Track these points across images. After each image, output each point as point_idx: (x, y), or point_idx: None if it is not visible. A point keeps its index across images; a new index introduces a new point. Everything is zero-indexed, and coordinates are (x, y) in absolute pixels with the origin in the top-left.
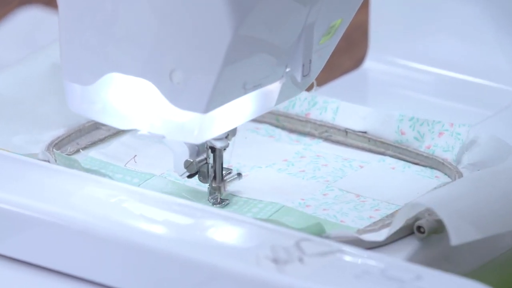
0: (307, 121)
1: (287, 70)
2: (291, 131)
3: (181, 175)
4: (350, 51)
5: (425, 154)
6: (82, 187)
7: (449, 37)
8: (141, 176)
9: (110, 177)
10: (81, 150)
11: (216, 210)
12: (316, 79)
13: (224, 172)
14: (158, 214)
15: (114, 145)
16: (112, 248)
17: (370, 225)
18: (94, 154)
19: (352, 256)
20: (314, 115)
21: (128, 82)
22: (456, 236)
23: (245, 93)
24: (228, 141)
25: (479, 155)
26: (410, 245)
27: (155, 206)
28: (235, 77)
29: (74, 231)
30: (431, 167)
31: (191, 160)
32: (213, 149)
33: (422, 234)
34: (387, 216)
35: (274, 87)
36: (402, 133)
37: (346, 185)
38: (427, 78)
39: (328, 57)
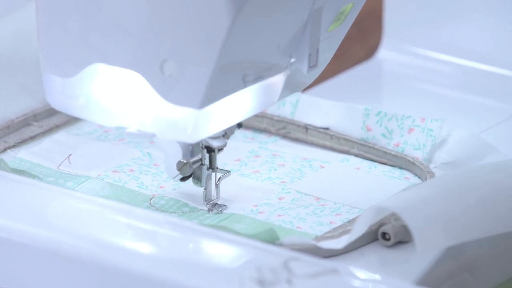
0: (263, 117)
1: (292, 60)
2: (246, 127)
3: (173, 178)
4: (362, 40)
5: (393, 153)
6: (43, 198)
7: (473, 23)
8: (75, 179)
9: (40, 179)
10: (8, 150)
11: (197, 226)
12: (324, 70)
13: (220, 174)
14: (136, 232)
15: (46, 143)
16: (84, 269)
17: (329, 232)
18: (23, 154)
19: (348, 277)
20: (271, 109)
21: (114, 74)
22: (423, 243)
23: (245, 86)
24: (226, 140)
25: (454, 153)
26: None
27: (130, 220)
28: (234, 68)
29: (37, 250)
30: (400, 167)
31: (185, 161)
32: (209, 149)
33: (388, 241)
34: (349, 222)
35: (277, 80)
36: (368, 129)
37: (304, 187)
38: (448, 69)
39: (337, 46)
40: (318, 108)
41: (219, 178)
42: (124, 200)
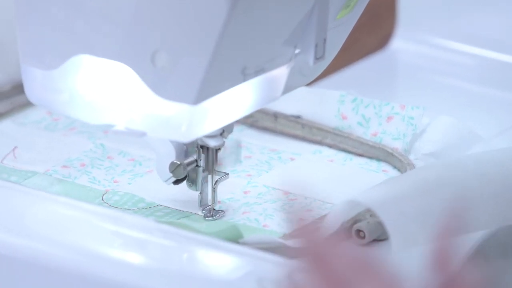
0: None
1: (297, 51)
2: None
3: (165, 181)
4: (374, 28)
5: (370, 143)
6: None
7: (496, 10)
8: (20, 174)
9: None
10: None
11: (192, 234)
12: (332, 62)
13: (217, 177)
14: (125, 240)
15: None
16: (68, 282)
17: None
18: None
19: None
20: None
21: (100, 66)
22: (399, 241)
23: (245, 80)
24: (224, 139)
25: (436, 143)
26: None
27: (119, 227)
28: (232, 60)
29: (15, 260)
30: (378, 159)
31: (178, 162)
32: (204, 149)
33: (362, 239)
34: (320, 218)
35: (281, 73)
36: (344, 118)
37: (272, 180)
38: (468, 61)
39: (347, 35)
40: (289, 94)
41: (216, 181)
42: (74, 197)
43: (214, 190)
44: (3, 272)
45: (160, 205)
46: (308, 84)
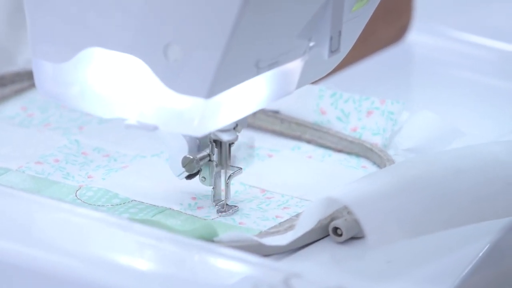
0: None
1: (311, 44)
2: None
3: (178, 176)
4: (390, 20)
5: (349, 139)
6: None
7: None
8: None
9: None
10: None
11: (189, 240)
12: (347, 55)
13: (231, 171)
14: (122, 246)
15: None
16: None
17: (274, 227)
18: None
19: None
20: None
21: (112, 59)
22: (375, 239)
23: (259, 73)
24: (237, 133)
25: (417, 138)
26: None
27: (118, 235)
28: (246, 53)
29: (20, 270)
30: (357, 155)
31: (191, 157)
32: (218, 143)
33: (340, 236)
34: (296, 215)
35: (295, 66)
36: (323, 112)
37: (249, 178)
38: (488, 54)
39: (362, 28)
40: None
41: (229, 175)
42: (46, 193)
43: (227, 185)
44: (9, 280)
45: (135, 200)
46: (323, 78)
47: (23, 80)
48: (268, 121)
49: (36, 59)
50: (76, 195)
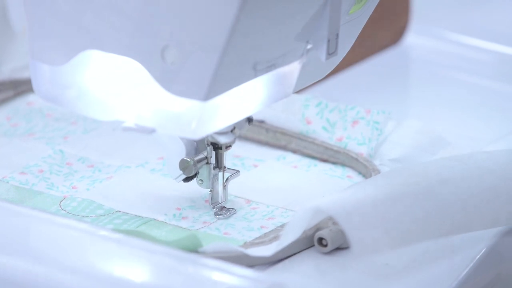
0: None
1: (309, 47)
2: None
3: (175, 178)
4: (387, 23)
5: (335, 148)
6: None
7: None
8: None
9: None
10: None
11: (186, 254)
12: (345, 58)
13: (228, 174)
14: (106, 259)
15: None
16: None
17: (259, 237)
18: None
19: None
20: None
21: (110, 62)
22: (360, 249)
23: (256, 75)
24: (235, 136)
25: (402, 148)
26: None
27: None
28: (243, 55)
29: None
30: (343, 165)
31: (189, 160)
32: (215, 146)
33: (325, 247)
34: (282, 226)
35: (292, 69)
36: (308, 122)
37: (234, 188)
38: (485, 57)
39: (359, 30)
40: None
41: (227, 178)
42: (30, 204)
43: (224, 187)
44: None
45: (119, 211)
46: (321, 80)
47: (7, 90)
48: (253, 131)
49: (34, 62)
50: (60, 206)
